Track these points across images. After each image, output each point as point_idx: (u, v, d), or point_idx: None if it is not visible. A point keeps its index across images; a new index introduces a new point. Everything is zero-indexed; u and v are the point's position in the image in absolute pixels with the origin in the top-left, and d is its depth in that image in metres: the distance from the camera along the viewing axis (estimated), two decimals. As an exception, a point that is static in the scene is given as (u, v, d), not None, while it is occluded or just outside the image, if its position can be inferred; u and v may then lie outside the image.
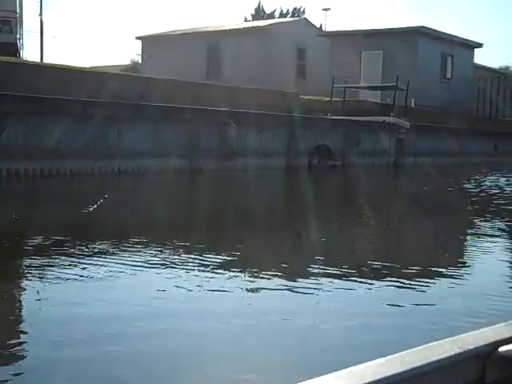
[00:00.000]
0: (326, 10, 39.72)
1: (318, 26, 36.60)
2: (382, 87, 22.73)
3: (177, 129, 12.27)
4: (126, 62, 45.93)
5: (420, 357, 1.11)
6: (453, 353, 1.15)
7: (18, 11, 19.36)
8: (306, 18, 36.10)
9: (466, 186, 13.63)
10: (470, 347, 1.19)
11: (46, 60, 30.91)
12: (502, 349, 1.22)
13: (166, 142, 12.00)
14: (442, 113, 24.69)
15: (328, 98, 19.99)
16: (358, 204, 9.66)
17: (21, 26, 23.29)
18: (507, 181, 15.26)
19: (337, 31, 31.28)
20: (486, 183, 14.50)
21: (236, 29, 33.02)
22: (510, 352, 1.21)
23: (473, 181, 14.66)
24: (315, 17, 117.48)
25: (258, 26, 33.62)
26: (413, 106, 23.35)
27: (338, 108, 19.10)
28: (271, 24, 33.95)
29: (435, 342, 1.18)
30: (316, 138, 15.62)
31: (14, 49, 18.15)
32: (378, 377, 1.02)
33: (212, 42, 32.56)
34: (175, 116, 12.22)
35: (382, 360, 1.08)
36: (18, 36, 19.34)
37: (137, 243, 5.38)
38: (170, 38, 34.53)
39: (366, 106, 20.57)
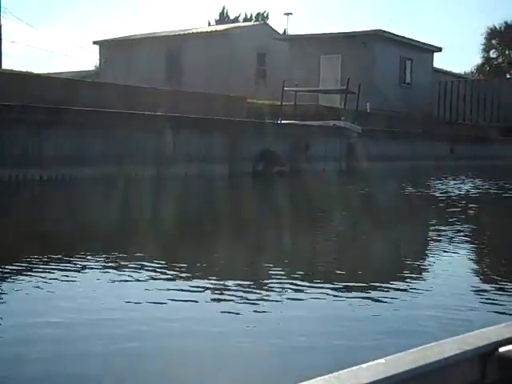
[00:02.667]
0: (287, 14, 39.20)
1: (282, 30, 36.29)
2: (332, 91, 22.40)
3: (107, 134, 11.68)
4: (91, 67, 45.15)
5: (420, 357, 1.10)
6: (453, 353, 1.14)
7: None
8: (266, 23, 35.70)
9: (410, 189, 13.29)
10: (470, 347, 1.18)
11: (5, 66, 29.93)
12: (502, 349, 1.21)
13: (94, 149, 11.41)
14: (399, 117, 24.47)
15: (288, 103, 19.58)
16: (296, 214, 9.21)
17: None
18: (457, 185, 14.97)
19: (295, 35, 30.98)
20: (433, 187, 14.19)
21: (195, 33, 32.55)
22: (510, 352, 1.20)
23: (420, 185, 14.32)
24: (279, 22, 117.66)
25: (216, 31, 33.18)
26: (368, 110, 23.08)
27: (289, 112, 18.68)
28: (230, 28, 33.51)
29: (435, 342, 1.17)
30: (261, 144, 15.13)
31: None
32: (378, 377, 1.01)
33: (171, 47, 32.04)
34: (105, 121, 11.63)
35: (381, 360, 1.07)
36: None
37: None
38: (128, 42, 33.90)
39: (319, 110, 20.20)
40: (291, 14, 50.02)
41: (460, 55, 73.16)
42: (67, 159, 10.90)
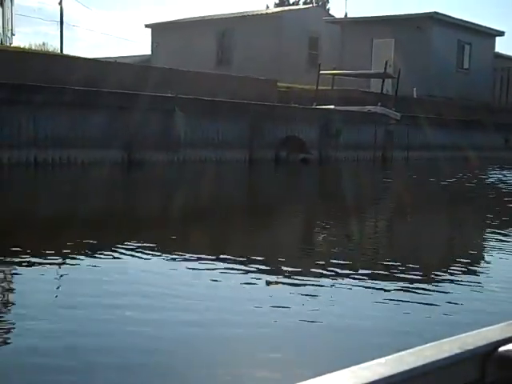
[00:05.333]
0: (346, -3, 38.10)
1: (343, 14, 35.07)
2: (369, 74, 21.23)
3: (112, 116, 11.19)
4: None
5: (420, 357, 1.10)
6: (453, 353, 1.14)
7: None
8: (319, 6, 34.60)
9: (443, 183, 12.23)
10: (470, 347, 1.17)
11: (66, 51, 29.98)
12: (501, 349, 1.20)
13: (98, 131, 10.94)
14: (451, 104, 23.04)
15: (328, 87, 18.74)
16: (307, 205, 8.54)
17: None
18: (500, 178, 13.77)
19: (347, 18, 29.87)
20: (468, 179, 13.07)
21: (246, 16, 31.85)
22: (510, 352, 1.19)
23: (456, 177, 13.21)
24: (339, 5, 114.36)
25: (267, 13, 32.41)
26: (414, 96, 21.85)
27: (326, 97, 17.76)
28: (282, 11, 32.66)
29: (435, 342, 1.17)
30: (286, 129, 14.36)
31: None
32: (378, 377, 1.01)
33: (222, 30, 31.49)
34: (111, 102, 11.14)
35: (381, 360, 1.07)
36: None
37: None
38: (180, 25, 33.58)
39: (359, 95, 19.18)
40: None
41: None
42: (66, 141, 10.48)
